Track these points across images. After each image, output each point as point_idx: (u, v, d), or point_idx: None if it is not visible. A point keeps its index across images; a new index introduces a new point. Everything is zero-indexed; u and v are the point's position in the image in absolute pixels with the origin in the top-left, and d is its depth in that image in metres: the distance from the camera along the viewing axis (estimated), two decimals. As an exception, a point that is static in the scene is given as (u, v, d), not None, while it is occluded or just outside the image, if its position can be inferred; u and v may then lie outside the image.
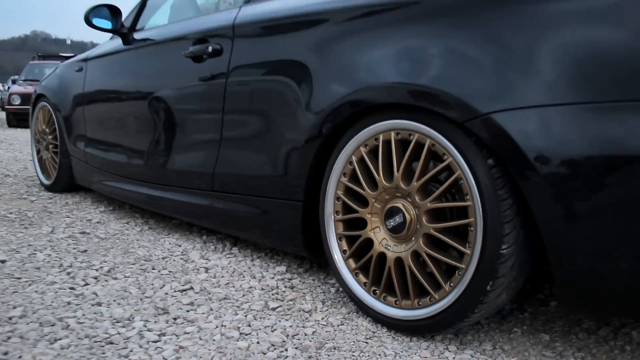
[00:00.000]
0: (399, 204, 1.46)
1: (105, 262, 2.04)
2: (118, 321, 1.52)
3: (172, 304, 1.65)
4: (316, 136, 1.63)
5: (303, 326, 1.52)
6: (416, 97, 1.37)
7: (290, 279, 1.90)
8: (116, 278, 1.87)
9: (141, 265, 2.00)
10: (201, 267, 2.00)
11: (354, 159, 1.56)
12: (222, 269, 1.97)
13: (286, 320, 1.55)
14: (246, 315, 1.57)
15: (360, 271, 1.59)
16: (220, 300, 1.68)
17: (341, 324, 1.54)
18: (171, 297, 1.70)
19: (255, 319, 1.55)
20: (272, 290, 1.79)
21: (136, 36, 2.67)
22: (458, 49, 1.33)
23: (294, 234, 1.79)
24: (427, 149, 1.39)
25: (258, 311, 1.61)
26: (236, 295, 1.73)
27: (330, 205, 1.64)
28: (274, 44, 1.88)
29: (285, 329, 1.49)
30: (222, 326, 1.50)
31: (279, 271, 1.96)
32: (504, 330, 1.54)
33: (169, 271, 1.95)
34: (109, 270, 1.95)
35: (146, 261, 2.06)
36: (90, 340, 1.40)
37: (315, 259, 1.93)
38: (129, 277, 1.89)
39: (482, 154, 1.27)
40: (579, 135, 1.13)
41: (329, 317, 1.59)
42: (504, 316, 1.63)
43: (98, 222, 2.71)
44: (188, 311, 1.60)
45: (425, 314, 1.40)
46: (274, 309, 1.63)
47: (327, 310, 1.64)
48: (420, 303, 1.42)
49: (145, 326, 1.49)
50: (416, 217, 1.43)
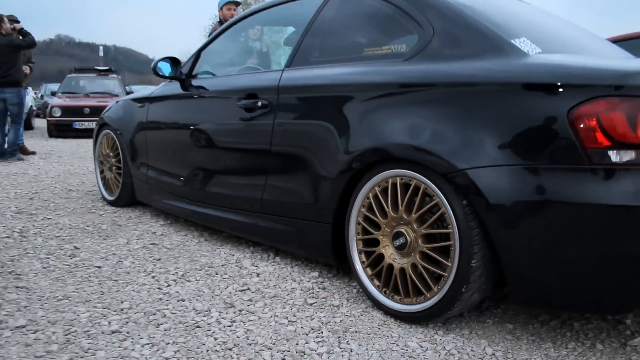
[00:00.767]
0: (402, 229, 2.03)
1: (177, 268, 2.64)
2: (200, 312, 2.11)
3: (236, 300, 2.23)
4: (346, 170, 2.19)
5: (333, 316, 2.09)
6: (415, 153, 1.94)
7: (322, 282, 2.47)
8: (189, 281, 2.47)
9: (206, 271, 2.60)
10: (253, 272, 2.59)
11: (370, 195, 2.13)
12: (270, 274, 2.56)
13: (321, 312, 2.13)
14: (291, 309, 2.15)
15: (375, 277, 2.16)
16: (272, 298, 2.27)
17: (361, 315, 2.11)
18: (234, 295, 2.29)
19: (299, 311, 2.13)
20: (309, 290, 2.37)
21: (193, 82, 3.28)
22: (447, 123, 1.89)
23: (325, 248, 2.37)
24: (422, 191, 1.96)
25: (300, 306, 2.19)
26: (282, 294, 2.32)
27: (353, 229, 2.22)
28: (313, 103, 2.45)
29: (320, 318, 2.06)
30: (275, 316, 2.08)
31: (313, 276, 2.54)
32: (480, 320, 2.09)
33: (229, 275, 2.54)
34: (182, 275, 2.54)
35: (210, 267, 2.65)
36: (184, 324, 2.00)
37: (342, 267, 2.46)
38: (199, 280, 2.48)
39: (459, 196, 1.84)
40: (521, 186, 1.70)
41: (352, 310, 2.16)
42: (482, 311, 2.18)
43: (162, 235, 3.31)
44: (249, 305, 2.18)
45: (420, 308, 1.97)
46: (311, 304, 2.21)
47: (351, 305, 2.21)
48: (417, 300, 1.98)
49: (220, 315, 2.08)
50: (414, 239, 2.00)
